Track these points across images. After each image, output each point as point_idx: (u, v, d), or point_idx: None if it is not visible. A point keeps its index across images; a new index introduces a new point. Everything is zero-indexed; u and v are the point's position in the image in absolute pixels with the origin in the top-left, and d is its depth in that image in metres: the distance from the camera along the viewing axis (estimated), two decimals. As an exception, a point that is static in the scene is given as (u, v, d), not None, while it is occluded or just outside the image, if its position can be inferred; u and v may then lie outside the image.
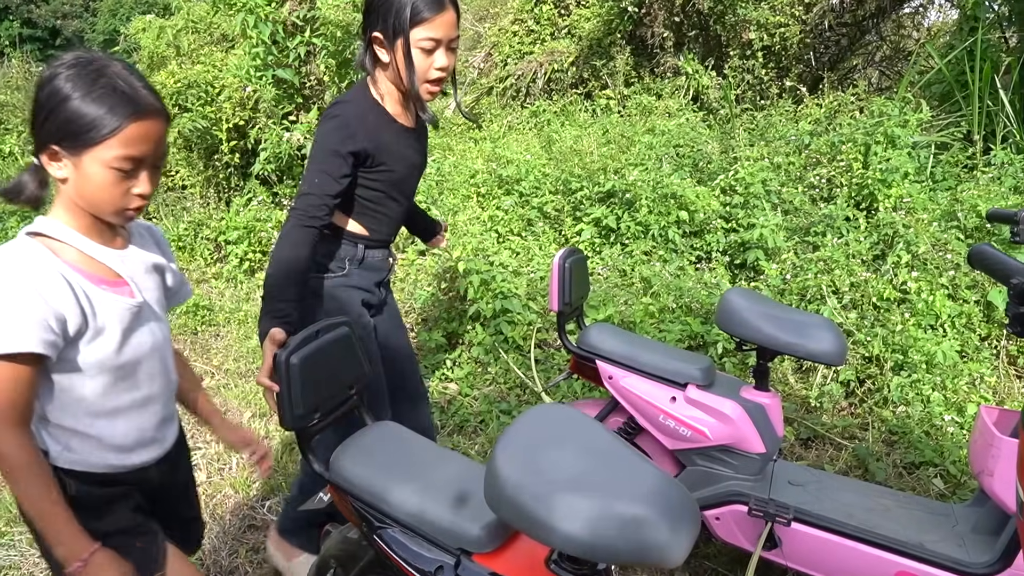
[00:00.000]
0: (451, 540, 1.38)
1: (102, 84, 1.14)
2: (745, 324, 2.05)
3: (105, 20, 16.72)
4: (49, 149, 1.17)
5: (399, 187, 1.93)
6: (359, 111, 1.80)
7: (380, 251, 2.00)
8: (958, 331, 3.40)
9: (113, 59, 1.20)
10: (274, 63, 5.34)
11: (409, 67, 1.73)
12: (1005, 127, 4.99)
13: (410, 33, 1.69)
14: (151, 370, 1.35)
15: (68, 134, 1.14)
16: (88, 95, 1.13)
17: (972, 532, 1.89)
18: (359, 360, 1.62)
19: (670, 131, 5.68)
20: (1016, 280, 1.43)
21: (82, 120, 1.13)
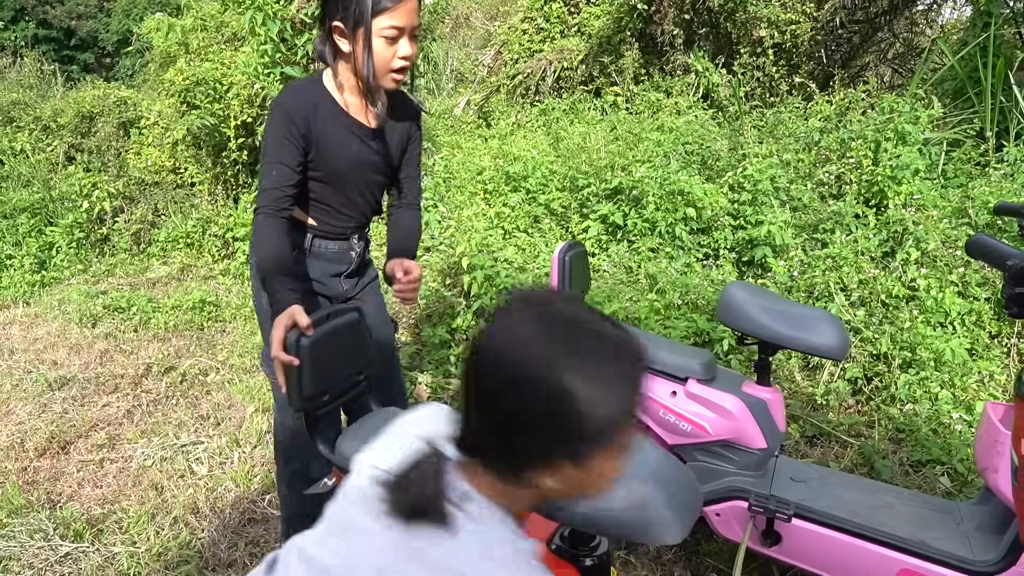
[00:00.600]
0: None
1: None
2: (746, 318, 2.02)
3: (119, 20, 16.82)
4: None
5: (341, 181, 1.87)
6: (303, 97, 1.76)
7: (335, 243, 1.96)
8: (968, 328, 3.36)
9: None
10: (282, 60, 5.35)
11: (370, 57, 1.68)
12: (1019, 124, 4.93)
13: (372, 22, 1.64)
14: None
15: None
16: None
17: (977, 530, 1.86)
18: (367, 346, 1.64)
19: (679, 128, 5.65)
20: (1012, 262, 1.45)
21: None
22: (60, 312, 4.75)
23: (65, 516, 2.60)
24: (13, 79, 9.53)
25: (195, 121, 5.70)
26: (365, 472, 0.93)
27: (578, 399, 0.77)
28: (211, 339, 4.26)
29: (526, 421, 0.79)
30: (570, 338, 0.80)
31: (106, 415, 3.38)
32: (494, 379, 0.80)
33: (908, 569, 1.79)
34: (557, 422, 0.78)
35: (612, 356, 0.81)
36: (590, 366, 0.79)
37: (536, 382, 0.77)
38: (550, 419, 0.78)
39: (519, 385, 0.78)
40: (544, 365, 0.77)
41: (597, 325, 0.83)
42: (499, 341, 0.81)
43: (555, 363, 0.77)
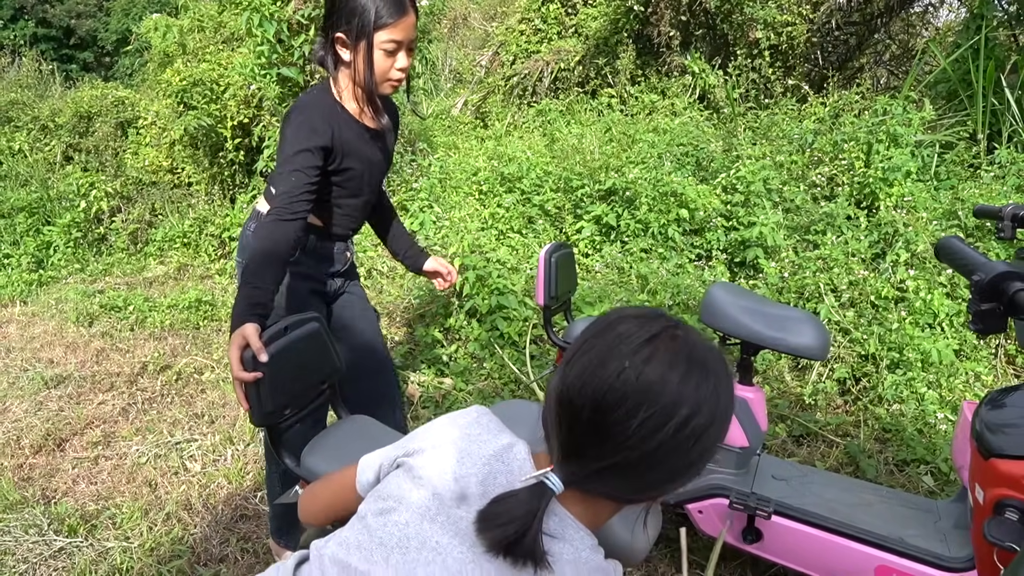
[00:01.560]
0: None
1: None
2: (728, 318, 2.05)
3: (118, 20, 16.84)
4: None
5: (357, 185, 1.96)
6: (322, 109, 1.83)
7: (333, 243, 2.05)
8: (955, 330, 3.39)
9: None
10: (279, 62, 5.38)
11: (369, 68, 1.77)
12: (1011, 126, 4.96)
13: (374, 36, 1.73)
14: None
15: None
16: None
17: (954, 527, 1.89)
18: (331, 355, 1.62)
19: (673, 129, 5.68)
20: (977, 276, 1.38)
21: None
22: (57, 311, 4.78)
23: (59, 512, 2.63)
24: (11, 78, 9.56)
25: (192, 121, 5.73)
26: (431, 483, 0.90)
27: (718, 431, 0.82)
28: (207, 338, 4.29)
29: (669, 453, 0.79)
30: (706, 370, 0.81)
31: (101, 413, 3.41)
32: (627, 415, 0.78)
33: (885, 565, 1.82)
34: (701, 453, 0.81)
35: (732, 387, 0.85)
36: (724, 398, 0.82)
37: (687, 419, 0.78)
38: (695, 451, 0.81)
39: (665, 421, 0.78)
40: (693, 401, 0.79)
41: (716, 354, 0.85)
42: (631, 376, 0.79)
43: (704, 399, 0.79)
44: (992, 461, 1.39)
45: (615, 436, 0.79)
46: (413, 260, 2.28)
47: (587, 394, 0.80)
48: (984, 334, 1.42)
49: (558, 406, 0.84)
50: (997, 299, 1.35)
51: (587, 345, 0.85)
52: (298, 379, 1.54)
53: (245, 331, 1.48)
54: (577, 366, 0.83)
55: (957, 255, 1.58)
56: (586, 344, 0.85)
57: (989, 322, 1.37)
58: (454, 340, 3.73)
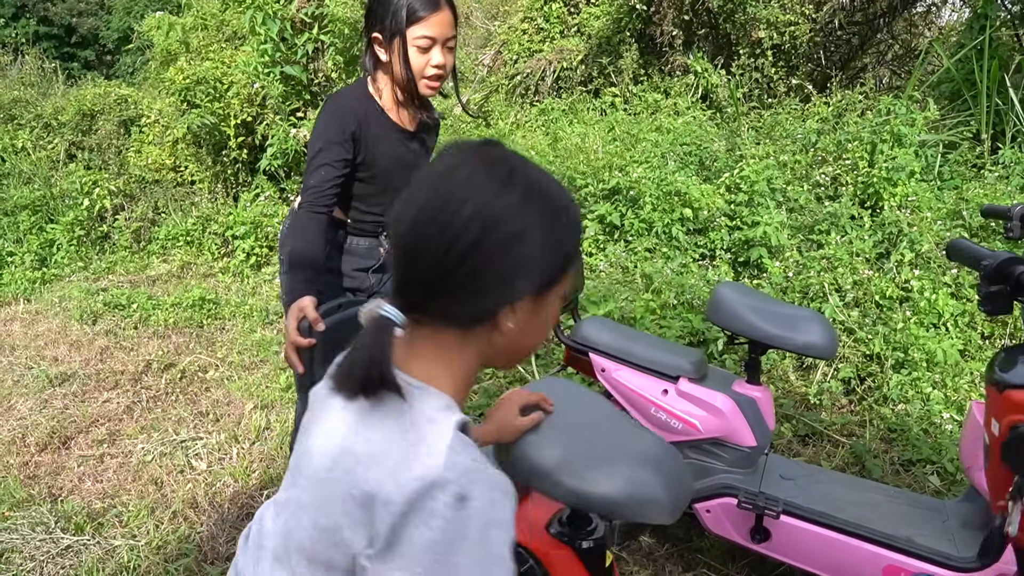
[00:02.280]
0: None
1: None
2: (735, 317, 2.05)
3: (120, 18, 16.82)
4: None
5: (383, 182, 1.98)
6: (352, 102, 1.88)
7: (366, 239, 2.08)
8: (960, 330, 3.39)
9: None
10: (282, 60, 5.39)
11: (406, 65, 1.80)
12: (1014, 126, 4.96)
13: (407, 32, 1.75)
14: None
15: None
16: None
17: (962, 527, 1.89)
18: None
19: (676, 129, 5.68)
20: (986, 262, 1.52)
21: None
22: (61, 309, 4.78)
23: (66, 510, 2.64)
24: (14, 76, 9.55)
25: (195, 120, 5.73)
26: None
27: (541, 229, 0.81)
28: (210, 336, 4.29)
29: (493, 250, 0.79)
30: (527, 177, 0.82)
31: (106, 411, 3.41)
32: (453, 217, 0.78)
33: (894, 565, 1.82)
34: (523, 248, 0.80)
35: (563, 195, 0.85)
36: (548, 200, 0.83)
37: (502, 213, 0.79)
38: (518, 244, 0.80)
39: (484, 218, 0.78)
40: (505, 200, 0.79)
41: (533, 170, 0.85)
42: (451, 181, 0.81)
43: (515, 199, 0.80)
44: (1007, 393, 1.54)
45: (426, 249, 0.80)
46: None
47: (404, 218, 0.82)
48: (992, 315, 1.58)
49: (391, 241, 0.86)
50: (1004, 281, 1.50)
51: (416, 179, 0.86)
52: None
53: (302, 303, 1.60)
54: (404, 196, 0.85)
55: (966, 251, 1.68)
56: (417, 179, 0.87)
57: (997, 303, 1.52)
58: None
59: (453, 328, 0.85)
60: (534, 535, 1.40)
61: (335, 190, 1.85)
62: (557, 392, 1.36)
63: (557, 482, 1.18)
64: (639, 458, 1.20)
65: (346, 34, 5.51)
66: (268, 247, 5.28)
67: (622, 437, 1.27)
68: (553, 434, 1.25)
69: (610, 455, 1.21)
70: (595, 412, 1.34)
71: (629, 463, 1.19)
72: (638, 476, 1.16)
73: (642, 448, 1.23)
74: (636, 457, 1.20)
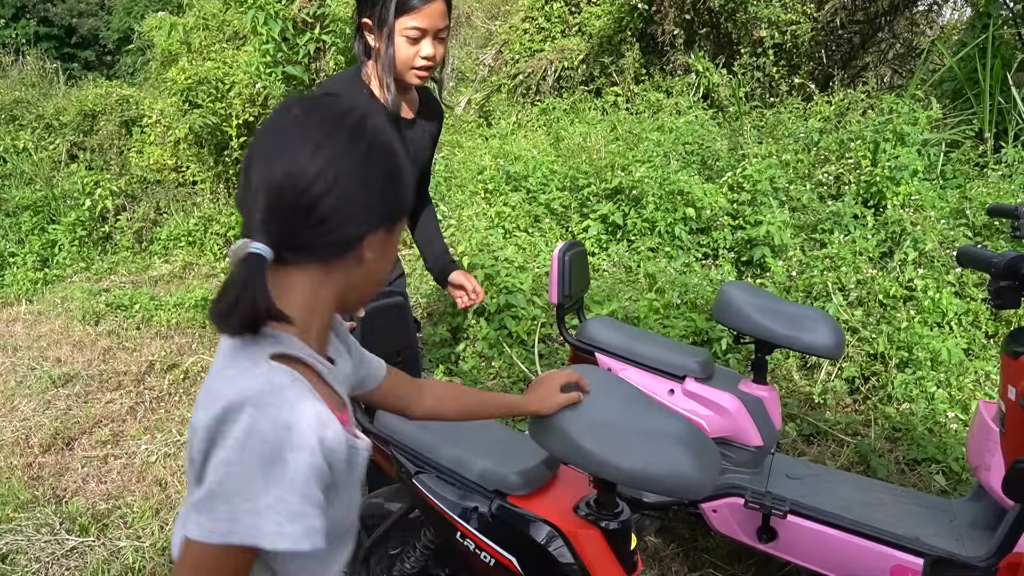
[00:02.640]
0: (489, 483, 1.50)
1: None
2: (742, 317, 2.05)
3: (120, 18, 16.82)
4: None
5: None
6: (340, 89, 1.84)
7: None
8: (964, 328, 3.39)
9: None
10: (284, 60, 5.37)
11: (390, 54, 1.75)
12: (1017, 125, 4.95)
13: (396, 22, 1.71)
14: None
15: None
16: None
17: (969, 527, 1.89)
18: (408, 328, 1.78)
19: (679, 128, 5.67)
20: (996, 259, 1.62)
21: None
22: (63, 310, 4.78)
23: (71, 511, 2.64)
24: (15, 77, 9.56)
25: (197, 120, 5.73)
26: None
27: (386, 167, 0.88)
28: (213, 337, 4.29)
29: (350, 184, 0.84)
30: (370, 124, 0.89)
31: (109, 412, 3.41)
32: (309, 159, 0.82)
33: (901, 565, 1.82)
34: (375, 181, 0.86)
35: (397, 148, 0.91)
36: (386, 144, 0.89)
37: (353, 153, 0.85)
38: (370, 178, 0.86)
39: (337, 156, 0.84)
40: (355, 142, 0.85)
41: (355, 116, 0.89)
42: (300, 128, 0.85)
43: (364, 144, 0.86)
44: (1022, 359, 1.64)
45: (287, 186, 0.82)
46: (441, 270, 2.14)
47: (259, 159, 0.85)
48: (1001, 308, 1.70)
49: (244, 180, 0.88)
50: (1013, 277, 1.60)
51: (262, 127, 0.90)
52: (382, 342, 1.64)
53: None
54: (254, 140, 0.88)
55: (976, 255, 1.75)
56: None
57: (1006, 298, 1.62)
58: (462, 339, 3.73)
59: (316, 264, 0.87)
60: (563, 515, 1.44)
61: None
62: (592, 375, 1.42)
63: (594, 457, 1.24)
64: (671, 437, 1.27)
65: (348, 34, 5.50)
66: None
67: (654, 418, 1.33)
68: (588, 410, 1.31)
69: (644, 433, 1.28)
70: (627, 395, 1.41)
71: (662, 441, 1.26)
72: (671, 453, 1.24)
73: (673, 428, 1.30)
74: (668, 436, 1.27)
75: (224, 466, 0.76)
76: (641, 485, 1.24)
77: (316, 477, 0.79)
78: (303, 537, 0.77)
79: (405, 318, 1.77)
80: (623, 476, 1.24)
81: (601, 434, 1.27)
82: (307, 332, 0.89)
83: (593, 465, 1.25)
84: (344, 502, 0.91)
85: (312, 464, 0.78)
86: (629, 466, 1.23)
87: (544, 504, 1.48)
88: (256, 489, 0.75)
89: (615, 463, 1.23)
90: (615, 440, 1.26)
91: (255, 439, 0.76)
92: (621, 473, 1.24)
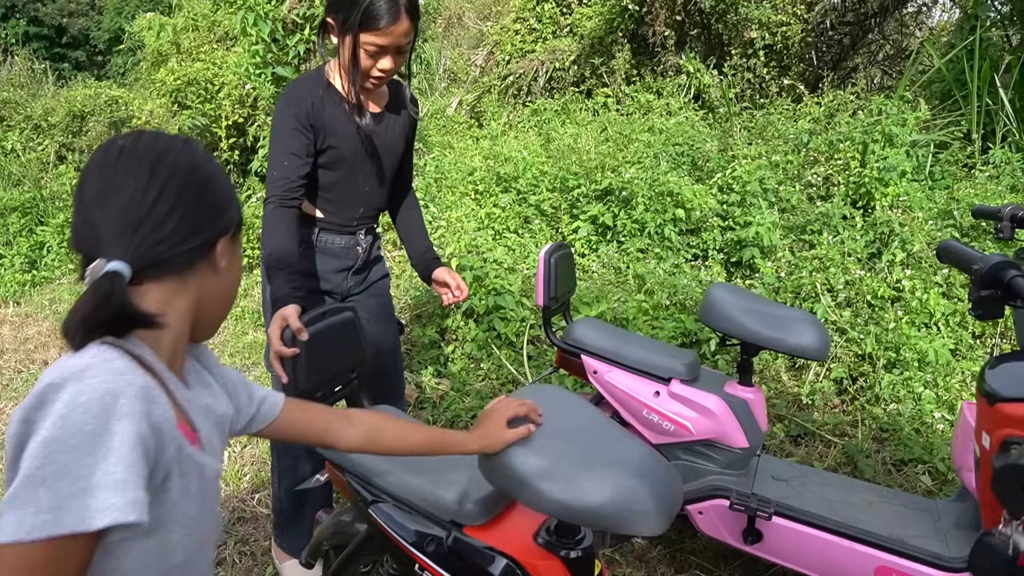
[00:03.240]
0: (444, 513, 1.43)
1: None
2: (728, 319, 2.05)
3: (111, 18, 16.76)
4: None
5: (348, 168, 1.93)
6: (307, 88, 1.84)
7: (341, 237, 2.02)
8: (951, 329, 3.40)
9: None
10: (273, 61, 5.36)
11: (354, 65, 1.76)
12: (1005, 126, 4.98)
13: (359, 35, 1.71)
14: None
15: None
16: None
17: (954, 527, 1.89)
18: (361, 345, 1.69)
19: (669, 129, 5.68)
20: (977, 266, 1.49)
21: None
22: (51, 312, 4.76)
23: (55, 515, 2.61)
24: (4, 77, 9.50)
25: (186, 121, 5.72)
26: None
27: (222, 177, 0.96)
28: (202, 339, 4.27)
29: (198, 191, 0.89)
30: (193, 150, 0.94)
31: (96, 415, 3.39)
32: (153, 170, 0.87)
33: (885, 566, 1.82)
34: (218, 187, 0.93)
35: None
36: (210, 163, 0.95)
37: (197, 161, 0.91)
38: (215, 183, 0.92)
39: (183, 165, 0.89)
40: (196, 153, 0.93)
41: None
42: (140, 147, 0.88)
43: (202, 155, 0.94)
44: (998, 406, 1.50)
45: (128, 194, 0.85)
46: (425, 267, 2.14)
47: (79, 200, 0.88)
48: (984, 319, 1.52)
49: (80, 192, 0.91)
50: (995, 286, 1.46)
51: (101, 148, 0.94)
52: (332, 363, 1.61)
53: (285, 312, 1.58)
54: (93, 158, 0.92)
55: (956, 253, 1.64)
56: None
57: (988, 308, 1.48)
58: (451, 340, 3.72)
59: (171, 276, 0.88)
60: (521, 545, 1.37)
61: (302, 180, 1.81)
62: (544, 398, 1.35)
63: (540, 494, 1.17)
64: (626, 468, 1.18)
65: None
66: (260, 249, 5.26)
67: (609, 446, 1.24)
68: (538, 443, 1.23)
69: (596, 464, 1.18)
70: (582, 419, 1.32)
71: (616, 473, 1.16)
72: (625, 486, 1.14)
73: (629, 457, 1.21)
74: (623, 467, 1.18)
75: (43, 447, 0.69)
76: (600, 525, 1.16)
77: (141, 447, 0.74)
78: (127, 508, 0.69)
79: (356, 334, 1.68)
80: (578, 517, 1.16)
81: (552, 471, 1.18)
82: (158, 343, 0.86)
83: (546, 506, 1.18)
84: (175, 500, 0.83)
85: (138, 433, 0.73)
86: (584, 506, 1.14)
87: (502, 534, 1.41)
88: (83, 468, 0.68)
89: (567, 502, 1.15)
90: (567, 477, 1.17)
91: (76, 412, 0.70)
92: (574, 514, 1.16)
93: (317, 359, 1.56)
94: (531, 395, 1.35)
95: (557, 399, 1.37)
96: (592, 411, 1.36)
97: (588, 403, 1.39)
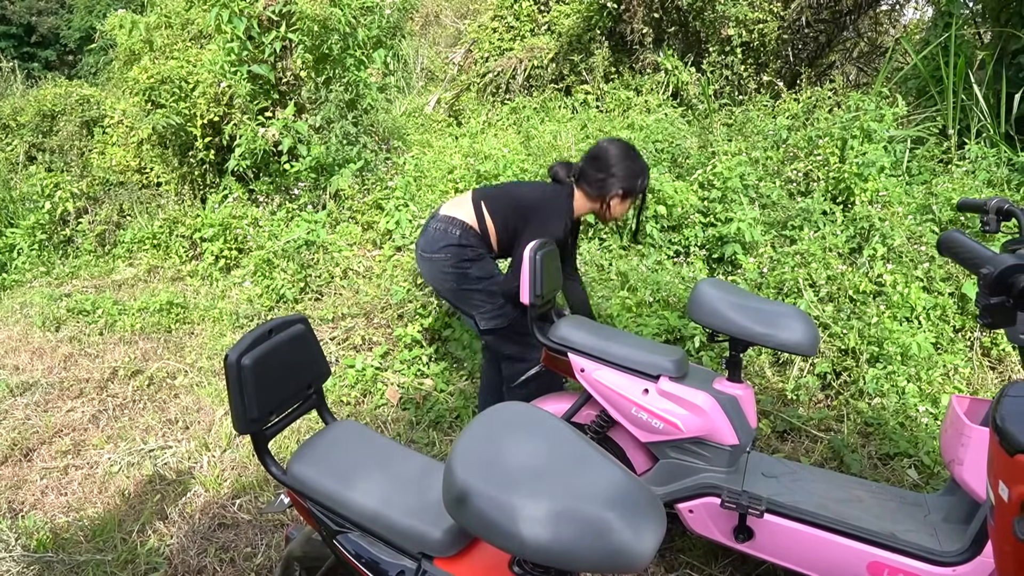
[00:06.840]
0: (412, 544, 1.33)
1: None
2: (717, 315, 2.03)
3: (81, 17, 16.46)
4: None
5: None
6: (556, 200, 2.55)
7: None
8: (933, 323, 3.41)
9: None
10: (249, 58, 5.28)
11: (614, 211, 2.56)
12: (979, 121, 5.02)
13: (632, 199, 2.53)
14: None
15: None
16: None
17: (944, 521, 1.89)
18: (317, 357, 1.57)
19: (648, 126, 5.67)
20: (986, 270, 1.33)
21: None
22: (22, 315, 4.65)
23: (27, 525, 2.54)
24: (-29, 77, 9.30)
25: (160, 120, 5.60)
26: None
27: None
28: (179, 341, 4.19)
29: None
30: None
31: (71, 421, 3.31)
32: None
33: (877, 561, 1.82)
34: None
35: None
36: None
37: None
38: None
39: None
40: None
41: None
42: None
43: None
44: (1018, 457, 1.21)
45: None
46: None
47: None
48: (993, 328, 1.37)
49: None
50: (1006, 292, 1.32)
51: None
52: (285, 383, 1.48)
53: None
54: None
55: (961, 249, 1.52)
56: None
57: (998, 316, 1.34)
58: (434, 340, 3.68)
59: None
60: (497, 574, 1.28)
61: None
62: (509, 418, 1.21)
63: (505, 533, 1.04)
64: (598, 500, 1.05)
65: (315, 32, 5.42)
66: (237, 249, 5.17)
67: (585, 477, 1.09)
68: (500, 478, 1.08)
69: (570, 499, 1.05)
70: (551, 443, 1.16)
71: (587, 507, 1.04)
72: (598, 520, 1.02)
73: (607, 487, 1.07)
74: (594, 499, 1.05)
75: None
76: (575, 567, 1.04)
77: None
78: None
79: (310, 345, 1.55)
80: (542, 554, 1.03)
81: (510, 505, 1.04)
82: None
83: (502, 541, 1.05)
84: None
85: None
86: (559, 548, 1.01)
87: (474, 566, 1.30)
88: None
89: (526, 538, 1.02)
90: (536, 519, 1.03)
91: None
92: (538, 553, 1.03)
93: (267, 383, 1.42)
94: (496, 415, 1.21)
95: (523, 419, 1.21)
96: (560, 430, 1.18)
97: (554, 418, 1.22)
